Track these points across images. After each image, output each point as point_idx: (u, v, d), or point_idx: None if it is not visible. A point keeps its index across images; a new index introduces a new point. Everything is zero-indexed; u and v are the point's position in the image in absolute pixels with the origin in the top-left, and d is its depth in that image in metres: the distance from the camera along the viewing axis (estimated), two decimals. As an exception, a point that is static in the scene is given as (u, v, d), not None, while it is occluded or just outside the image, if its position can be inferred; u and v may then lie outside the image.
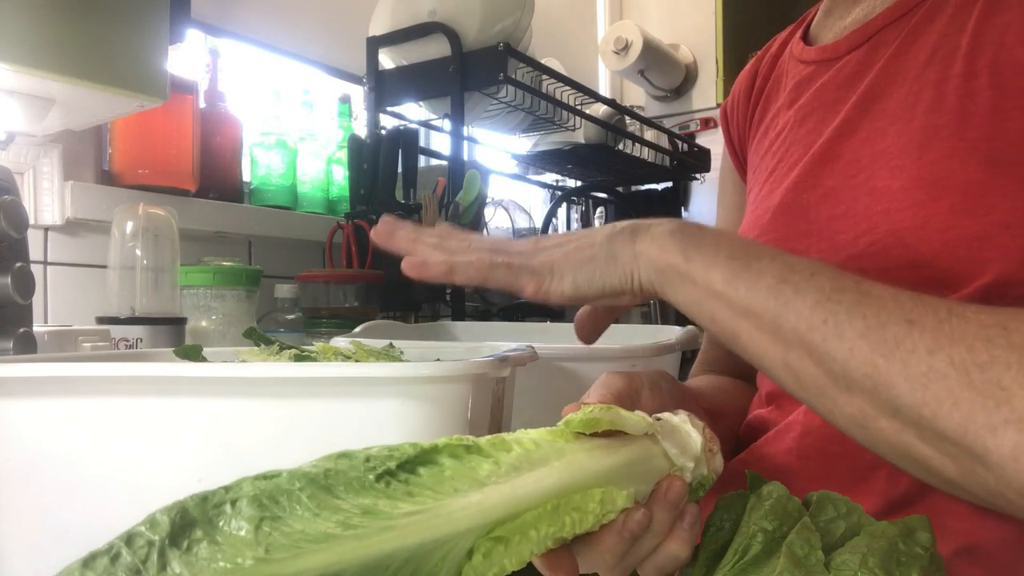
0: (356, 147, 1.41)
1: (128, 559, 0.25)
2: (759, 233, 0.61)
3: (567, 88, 1.69)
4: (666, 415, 0.41)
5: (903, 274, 0.48)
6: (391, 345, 0.65)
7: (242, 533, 0.26)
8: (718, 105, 2.55)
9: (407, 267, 0.47)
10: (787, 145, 0.61)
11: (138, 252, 0.93)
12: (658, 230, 0.45)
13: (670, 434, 0.40)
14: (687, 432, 0.40)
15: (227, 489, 0.28)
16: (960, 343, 0.35)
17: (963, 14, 0.51)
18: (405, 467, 0.30)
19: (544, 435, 0.35)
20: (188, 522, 0.26)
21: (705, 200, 2.52)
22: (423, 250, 0.47)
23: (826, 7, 0.66)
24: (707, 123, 2.53)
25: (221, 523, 0.26)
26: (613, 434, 0.38)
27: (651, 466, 0.38)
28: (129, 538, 0.25)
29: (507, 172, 2.07)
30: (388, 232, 0.49)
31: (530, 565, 0.35)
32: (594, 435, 0.37)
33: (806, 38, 0.67)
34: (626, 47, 2.21)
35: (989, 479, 0.34)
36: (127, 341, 0.90)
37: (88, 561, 0.25)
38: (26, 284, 0.72)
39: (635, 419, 0.38)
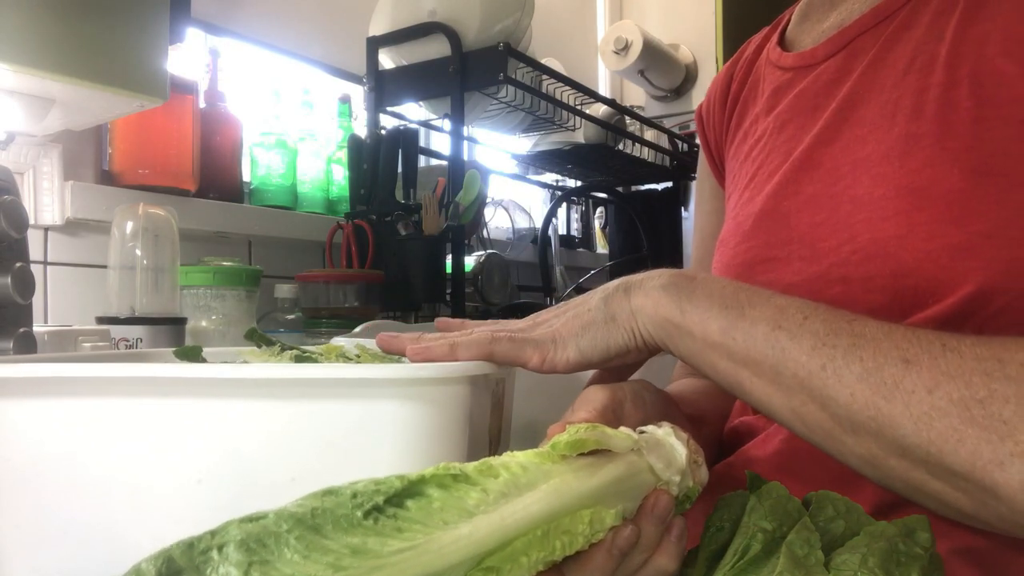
0: (356, 147, 1.41)
1: None
2: (740, 240, 0.60)
3: (567, 88, 1.69)
4: (650, 428, 0.41)
5: (886, 282, 0.48)
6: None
7: None
8: (718, 105, 2.56)
9: (412, 354, 0.48)
10: (766, 152, 0.61)
11: (138, 252, 0.93)
12: (651, 284, 0.46)
13: (655, 448, 0.40)
14: (672, 445, 0.40)
15: (213, 534, 0.27)
16: (958, 379, 0.35)
17: (940, 22, 0.51)
18: (393, 501, 0.30)
19: (531, 458, 0.35)
20: (174, 571, 0.26)
21: (705, 200, 2.52)
22: (426, 340, 0.49)
23: (801, 12, 0.66)
24: (707, 123, 2.52)
25: (208, 571, 0.26)
26: (599, 451, 0.38)
27: (638, 482, 0.38)
28: None
29: (507, 172, 2.07)
30: (389, 342, 0.51)
31: None
32: (581, 454, 0.37)
33: (782, 43, 0.66)
34: (626, 47, 2.21)
35: (1002, 510, 0.35)
36: (127, 341, 0.90)
37: None
38: (26, 284, 0.72)
39: (620, 437, 0.38)
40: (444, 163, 1.59)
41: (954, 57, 0.49)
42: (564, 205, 2.28)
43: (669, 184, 2.36)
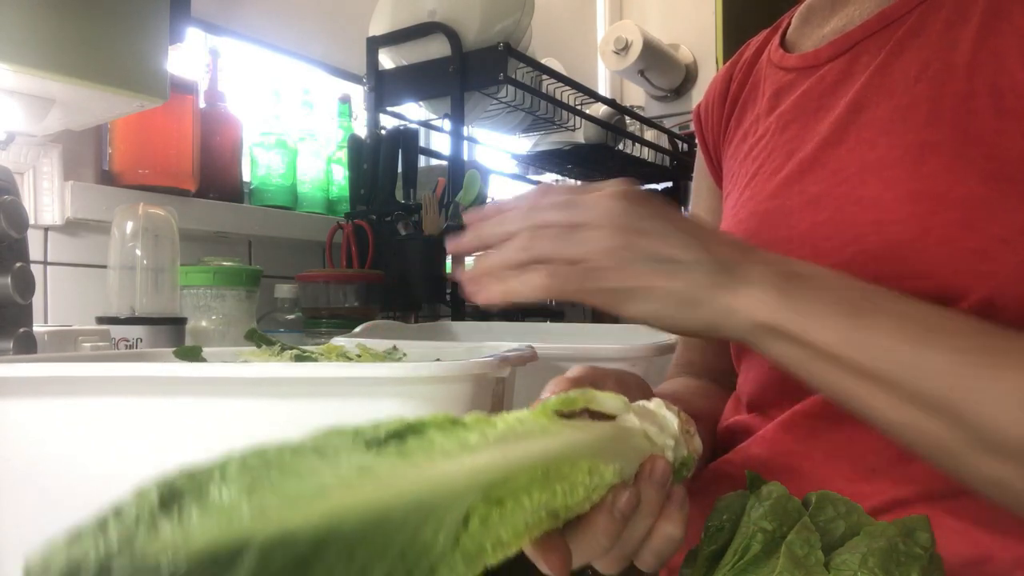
0: (356, 147, 1.41)
1: (116, 528, 0.24)
2: (740, 237, 0.60)
3: (567, 88, 1.69)
4: (640, 402, 0.41)
5: (898, 285, 0.49)
6: (395, 348, 0.65)
7: (234, 495, 0.25)
8: (718, 105, 2.56)
9: (465, 281, 0.45)
10: (768, 151, 0.62)
11: (138, 252, 0.93)
12: (755, 279, 0.42)
13: (647, 416, 0.40)
14: (663, 416, 0.40)
15: (214, 463, 0.27)
16: None
17: (954, 32, 0.51)
18: (395, 437, 0.29)
19: (525, 414, 0.35)
20: (177, 491, 0.25)
21: (705, 200, 2.52)
22: (482, 264, 0.45)
23: (803, 15, 0.66)
24: (707, 123, 2.52)
25: (211, 489, 0.25)
26: (592, 416, 0.38)
27: (633, 444, 0.38)
28: (117, 510, 0.25)
29: (507, 172, 2.07)
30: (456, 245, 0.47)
31: (524, 559, 0.35)
32: (572, 416, 0.37)
33: (783, 45, 0.67)
34: (626, 47, 2.21)
35: None
36: (127, 341, 0.90)
37: (74, 534, 0.25)
38: (26, 284, 0.72)
39: (611, 398, 0.39)
40: (444, 163, 1.59)
41: (973, 68, 0.49)
42: (564, 205, 2.28)
43: (669, 184, 2.36)
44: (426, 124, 1.66)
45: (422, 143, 1.65)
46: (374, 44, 1.54)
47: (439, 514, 0.27)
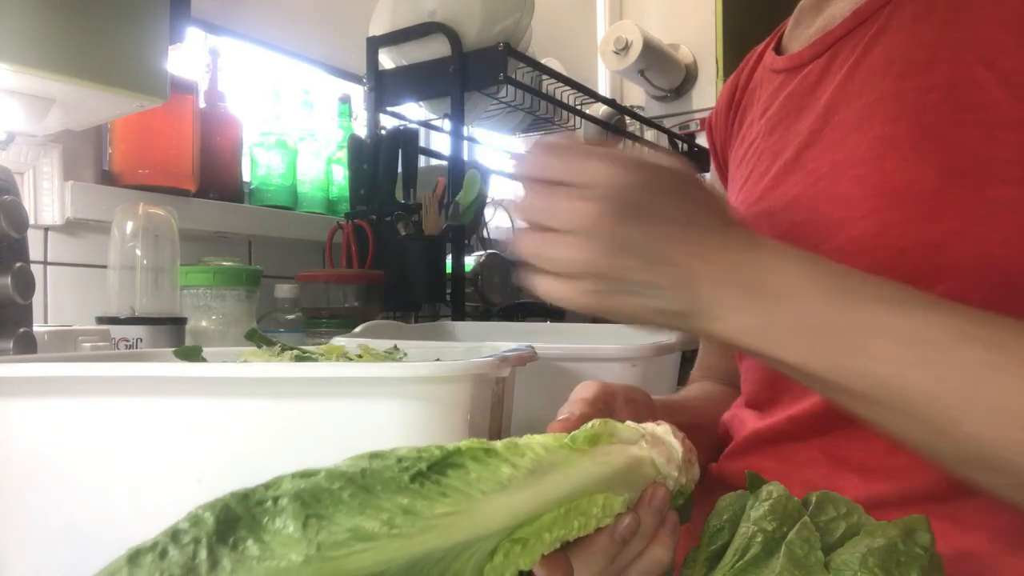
0: (356, 147, 1.41)
1: (177, 556, 0.25)
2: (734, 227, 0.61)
3: (567, 88, 1.69)
4: (650, 426, 0.43)
5: None
6: (395, 348, 0.65)
7: (290, 531, 0.26)
8: (718, 105, 2.56)
9: (524, 249, 0.42)
10: (758, 155, 0.63)
11: (138, 252, 0.93)
12: (731, 310, 0.40)
13: (656, 444, 0.41)
14: (670, 443, 0.42)
15: (266, 487, 0.28)
16: None
17: (917, 28, 0.52)
18: (435, 468, 0.31)
19: (550, 441, 0.37)
20: (232, 519, 0.26)
21: (705, 200, 2.52)
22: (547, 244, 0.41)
23: (795, 17, 0.67)
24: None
25: (266, 520, 0.27)
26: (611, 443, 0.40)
27: (641, 473, 0.40)
28: (174, 534, 0.25)
29: (507, 172, 2.07)
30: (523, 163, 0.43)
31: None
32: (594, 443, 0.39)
33: (778, 49, 0.68)
34: (626, 47, 2.21)
35: None
36: (127, 341, 0.90)
37: (133, 558, 0.25)
38: (26, 284, 0.72)
39: (629, 431, 0.41)
40: (444, 163, 1.59)
41: (931, 62, 0.50)
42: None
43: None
44: (426, 124, 1.66)
45: (422, 143, 1.65)
46: (374, 44, 1.53)
47: (472, 551, 0.30)
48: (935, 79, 0.49)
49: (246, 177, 1.43)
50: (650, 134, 2.17)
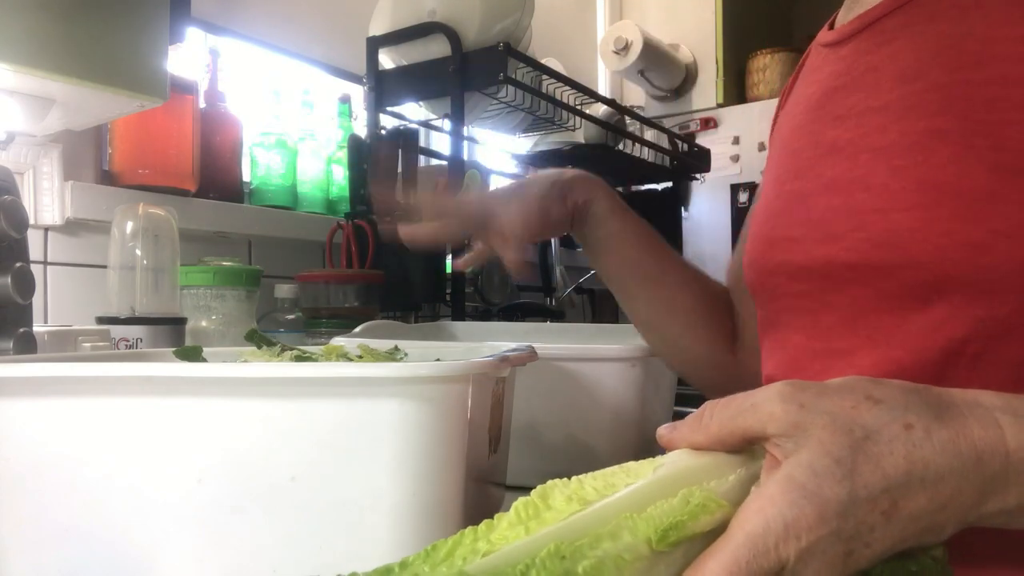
0: (356, 147, 1.41)
1: None
2: (767, 217, 0.61)
3: (567, 88, 1.69)
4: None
5: (898, 274, 0.49)
6: (396, 348, 0.65)
7: None
8: (718, 105, 2.56)
9: None
10: (798, 134, 0.61)
11: (138, 252, 0.93)
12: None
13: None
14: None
15: None
16: None
17: (969, 19, 0.50)
18: None
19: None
20: None
21: (705, 200, 2.52)
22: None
23: None
24: (707, 123, 2.52)
25: None
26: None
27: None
28: None
29: (507, 172, 2.07)
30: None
31: None
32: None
33: (832, 24, 0.66)
34: (626, 47, 2.21)
35: None
36: (127, 341, 0.90)
37: None
38: (26, 284, 0.72)
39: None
40: (444, 163, 1.59)
41: (985, 57, 0.48)
42: (564, 205, 2.28)
43: (669, 184, 2.36)
44: (426, 124, 1.66)
45: (422, 143, 1.65)
46: (374, 44, 1.53)
47: None
48: (988, 74, 0.48)
49: (246, 177, 1.43)
50: (650, 134, 2.17)
